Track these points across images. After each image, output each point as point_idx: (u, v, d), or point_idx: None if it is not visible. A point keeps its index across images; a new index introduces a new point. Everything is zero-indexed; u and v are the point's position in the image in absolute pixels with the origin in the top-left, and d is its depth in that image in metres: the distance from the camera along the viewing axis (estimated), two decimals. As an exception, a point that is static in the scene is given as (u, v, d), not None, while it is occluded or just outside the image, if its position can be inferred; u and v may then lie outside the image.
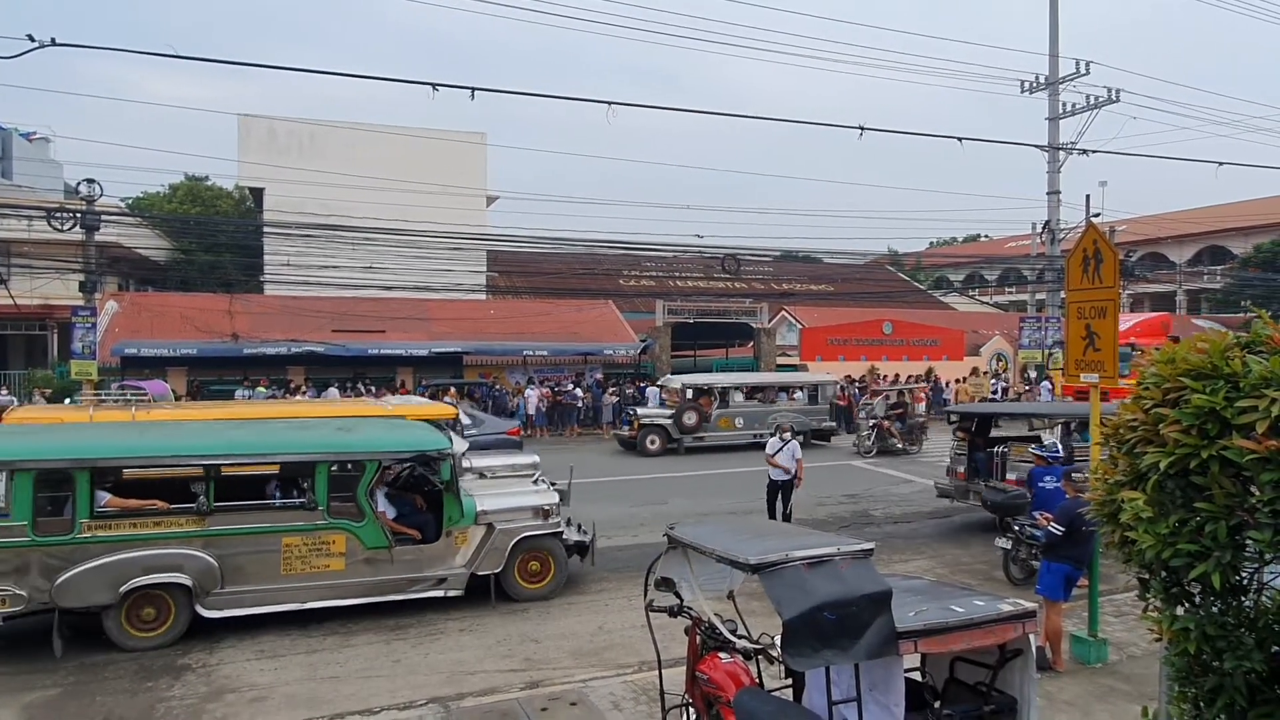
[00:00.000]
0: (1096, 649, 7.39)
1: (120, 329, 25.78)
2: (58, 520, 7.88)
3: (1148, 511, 2.93)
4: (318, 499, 8.32)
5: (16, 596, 7.45)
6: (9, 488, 7.49)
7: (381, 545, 8.53)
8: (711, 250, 32.93)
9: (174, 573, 7.86)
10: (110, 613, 7.74)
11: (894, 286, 49.03)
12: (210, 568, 7.97)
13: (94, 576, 7.62)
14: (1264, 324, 3.04)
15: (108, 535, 7.74)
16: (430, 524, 9.02)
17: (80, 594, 7.61)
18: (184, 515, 8.03)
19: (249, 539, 8.14)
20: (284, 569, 8.23)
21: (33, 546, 7.49)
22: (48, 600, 7.54)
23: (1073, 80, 27.71)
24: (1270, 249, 44.46)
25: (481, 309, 32.24)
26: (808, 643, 3.87)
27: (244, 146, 36.23)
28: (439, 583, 8.83)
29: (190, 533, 7.97)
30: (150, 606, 7.88)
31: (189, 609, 7.97)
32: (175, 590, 7.92)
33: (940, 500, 13.57)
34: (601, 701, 6.54)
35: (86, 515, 7.69)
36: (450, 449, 8.90)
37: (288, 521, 8.27)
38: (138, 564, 7.75)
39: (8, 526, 7.44)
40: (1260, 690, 2.88)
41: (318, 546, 8.32)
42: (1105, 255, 7.72)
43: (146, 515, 8.00)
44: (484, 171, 39.12)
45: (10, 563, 7.44)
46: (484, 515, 9.10)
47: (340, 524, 8.39)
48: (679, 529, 5.18)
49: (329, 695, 6.89)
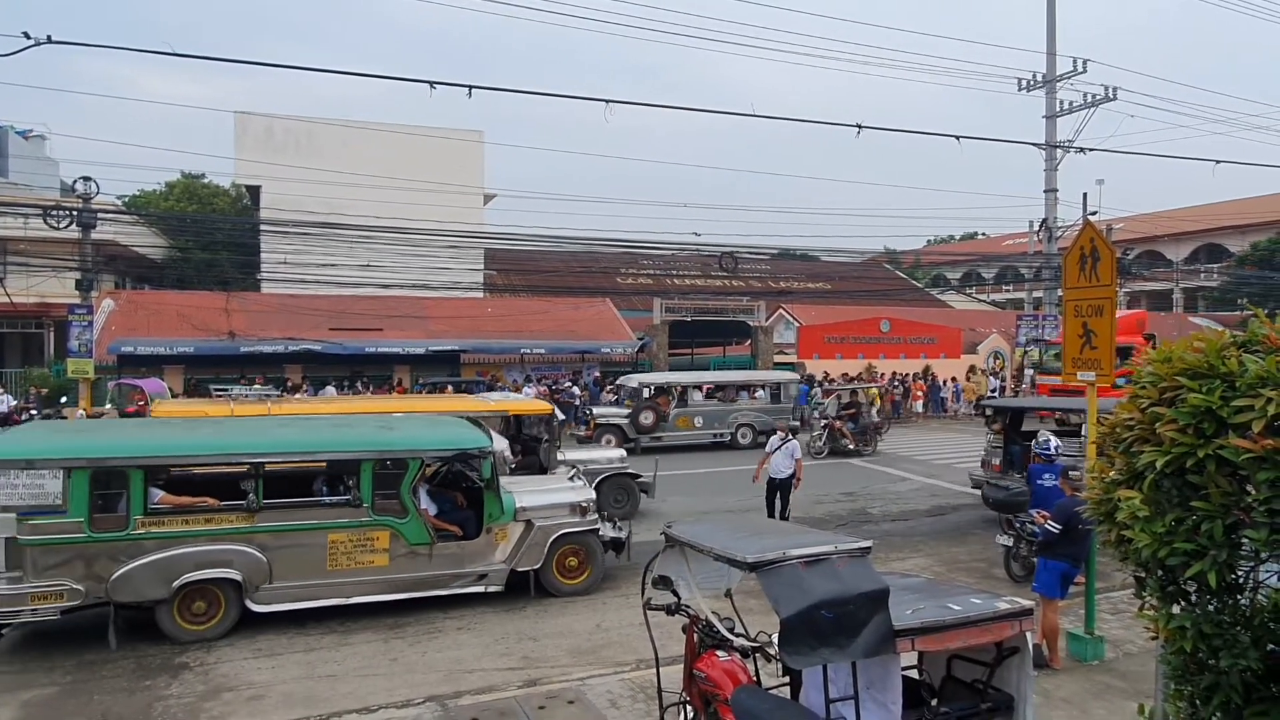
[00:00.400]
0: (1093, 646, 7.41)
1: (117, 327, 25.74)
2: (113, 517, 7.97)
3: (1144, 510, 2.93)
4: (363, 496, 8.47)
5: (74, 591, 7.62)
6: (66, 485, 7.61)
7: (424, 541, 8.66)
8: (709, 248, 32.97)
9: (225, 568, 8.04)
10: (163, 607, 7.93)
11: (891, 285, 49.06)
12: (259, 563, 8.14)
13: (148, 572, 7.81)
14: (1260, 323, 3.05)
15: (161, 532, 7.92)
16: (471, 520, 9.16)
17: (135, 589, 7.80)
18: (234, 512, 8.20)
19: (296, 535, 8.31)
20: (330, 564, 8.39)
21: (89, 542, 7.67)
22: (103, 595, 7.71)
23: (1070, 78, 27.78)
24: (1267, 247, 44.54)
25: (479, 307, 32.23)
26: (805, 641, 3.88)
27: (241, 144, 36.18)
28: (480, 578, 8.97)
29: (240, 529, 8.14)
30: (202, 600, 8.07)
31: (238, 603, 8.14)
32: (226, 585, 8.10)
33: (935, 499, 13.52)
34: (599, 700, 6.55)
35: (140, 512, 7.87)
36: (490, 447, 9.03)
37: (334, 518, 8.43)
38: (190, 559, 7.94)
39: (65, 523, 7.60)
40: (1256, 688, 2.89)
41: (362, 542, 8.47)
42: (1102, 253, 7.73)
43: (198, 512, 8.17)
44: (481, 170, 39.11)
45: (68, 558, 7.62)
46: (523, 512, 9.22)
47: (384, 520, 8.53)
48: (676, 527, 5.18)
49: (326, 694, 6.89)
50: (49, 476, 7.54)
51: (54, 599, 7.58)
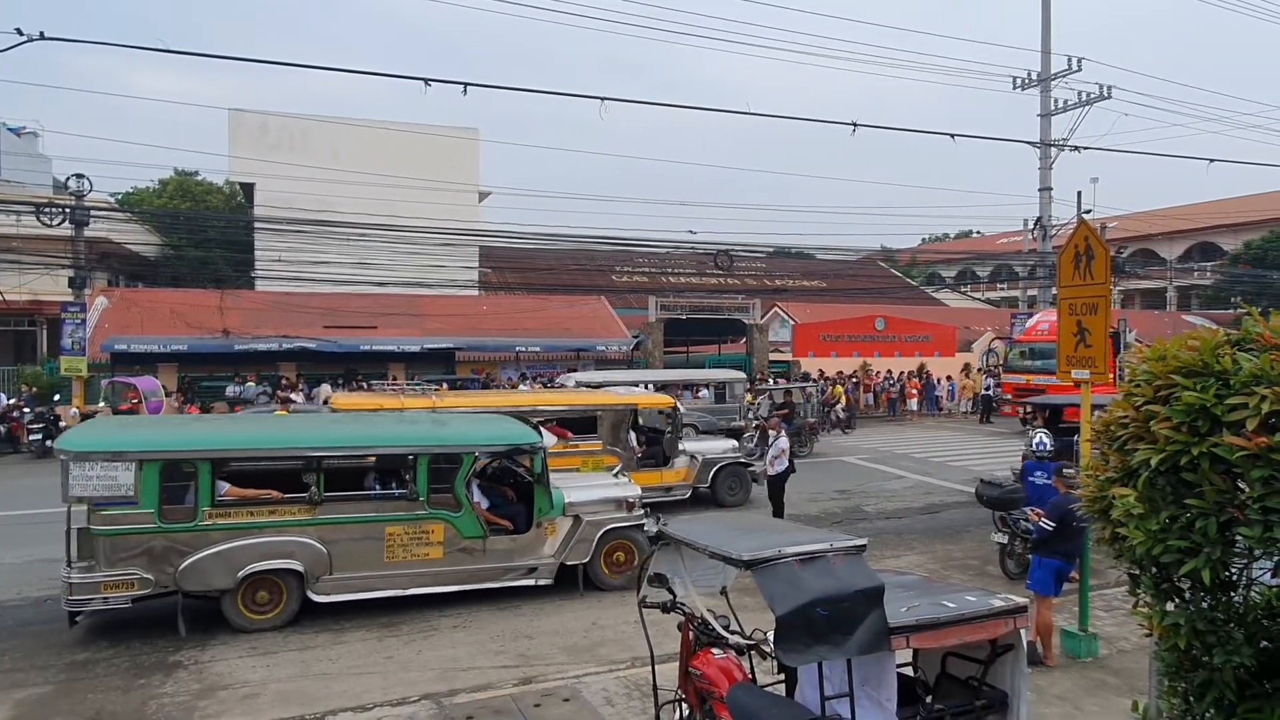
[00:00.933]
0: (1087, 643, 7.43)
1: (110, 325, 25.63)
2: (181, 508, 8.22)
3: (1139, 508, 2.94)
4: (419, 490, 8.66)
5: (144, 580, 7.84)
6: (138, 477, 7.76)
7: (477, 535, 8.87)
8: (704, 246, 32.96)
9: (288, 559, 8.24)
10: (228, 596, 8.14)
11: (886, 283, 49.14)
12: (320, 555, 8.33)
13: (215, 562, 8.02)
14: (1254, 322, 3.05)
15: (227, 523, 8.13)
16: (521, 515, 9.34)
17: (202, 578, 8.02)
18: (297, 505, 8.42)
19: (356, 527, 8.51)
20: (387, 556, 8.57)
21: (159, 533, 7.90)
22: (172, 584, 7.93)
23: (1065, 76, 27.85)
24: (1260, 245, 44.67)
25: (474, 305, 32.17)
26: (800, 638, 3.88)
27: (234, 141, 36.02)
28: (529, 572, 9.14)
29: (302, 521, 8.35)
30: (265, 590, 8.27)
31: (300, 593, 8.34)
32: (288, 576, 8.30)
33: (930, 497, 13.54)
34: (594, 697, 6.55)
35: (208, 504, 8.08)
36: (541, 443, 9.21)
37: (391, 511, 8.65)
38: (255, 550, 8.14)
39: (136, 514, 7.82)
40: (1249, 685, 2.90)
41: (418, 535, 8.66)
42: (1097, 252, 7.75)
43: (262, 504, 8.38)
44: (477, 167, 39.02)
45: (139, 548, 7.84)
46: (571, 507, 9.42)
47: (439, 514, 8.74)
48: (672, 525, 5.18)
49: (321, 692, 6.88)
50: (122, 469, 7.69)
51: (125, 588, 7.79)
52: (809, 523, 12.30)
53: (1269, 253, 43.30)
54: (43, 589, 9.62)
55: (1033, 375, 25.51)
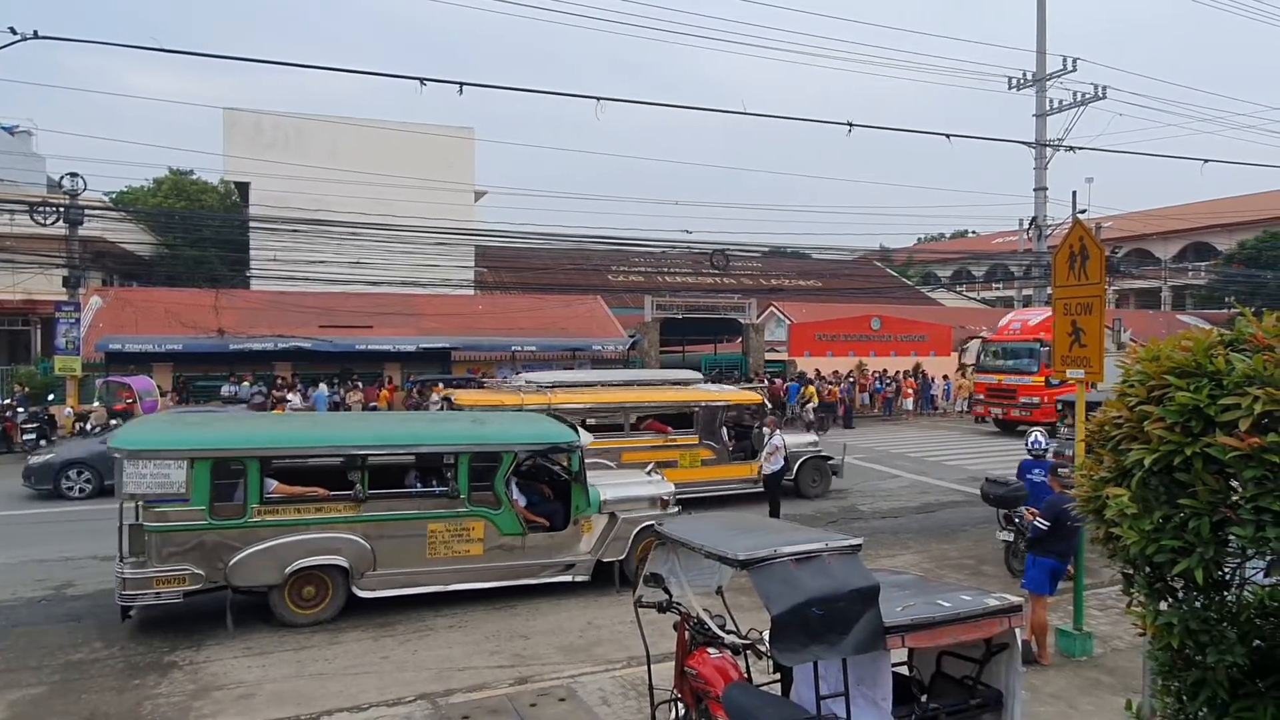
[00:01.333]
0: (1081, 642, 7.45)
1: (104, 324, 25.57)
2: (231, 505, 8.38)
3: (1132, 508, 2.95)
4: (460, 488, 8.81)
5: (195, 575, 7.97)
6: (190, 475, 7.91)
7: (516, 532, 9.02)
8: (700, 246, 32.98)
9: (334, 555, 8.39)
10: (276, 592, 8.26)
11: (882, 283, 49.21)
12: (365, 551, 8.48)
13: (264, 558, 8.15)
14: (1247, 322, 3.07)
15: (275, 520, 8.27)
16: (558, 513, 9.51)
17: (251, 574, 8.15)
18: (342, 502, 8.57)
19: (399, 524, 8.65)
20: (429, 553, 8.73)
21: (210, 529, 8.03)
22: (221, 579, 8.06)
23: (1060, 77, 27.93)
24: (1254, 245, 44.82)
25: (469, 304, 32.15)
26: (796, 638, 3.89)
27: (229, 141, 35.92)
28: (566, 568, 9.25)
29: (347, 518, 8.49)
30: (311, 586, 8.40)
31: (345, 589, 8.48)
32: (334, 571, 8.43)
33: (925, 496, 13.56)
34: (590, 697, 6.55)
35: (257, 501, 8.22)
36: (578, 441, 9.39)
37: (432, 509, 8.81)
38: (302, 547, 8.29)
39: (188, 510, 7.95)
40: (1242, 684, 2.91)
41: (459, 532, 8.83)
42: (1091, 252, 7.76)
43: (309, 501, 8.53)
44: (472, 166, 38.95)
45: (190, 544, 7.98)
46: (607, 505, 9.56)
47: (479, 511, 8.89)
48: (668, 525, 5.19)
49: (316, 692, 6.87)
50: (174, 466, 7.85)
51: (176, 583, 7.93)
52: (805, 522, 12.32)
53: (1263, 252, 43.46)
54: (36, 589, 9.60)
55: (1004, 375, 25.49)
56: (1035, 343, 24.73)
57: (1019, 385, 24.83)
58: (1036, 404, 24.15)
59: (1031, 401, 24.34)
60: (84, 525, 12.94)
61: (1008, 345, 25.92)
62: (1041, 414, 23.59)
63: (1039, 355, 24.28)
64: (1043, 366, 24.07)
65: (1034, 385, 24.31)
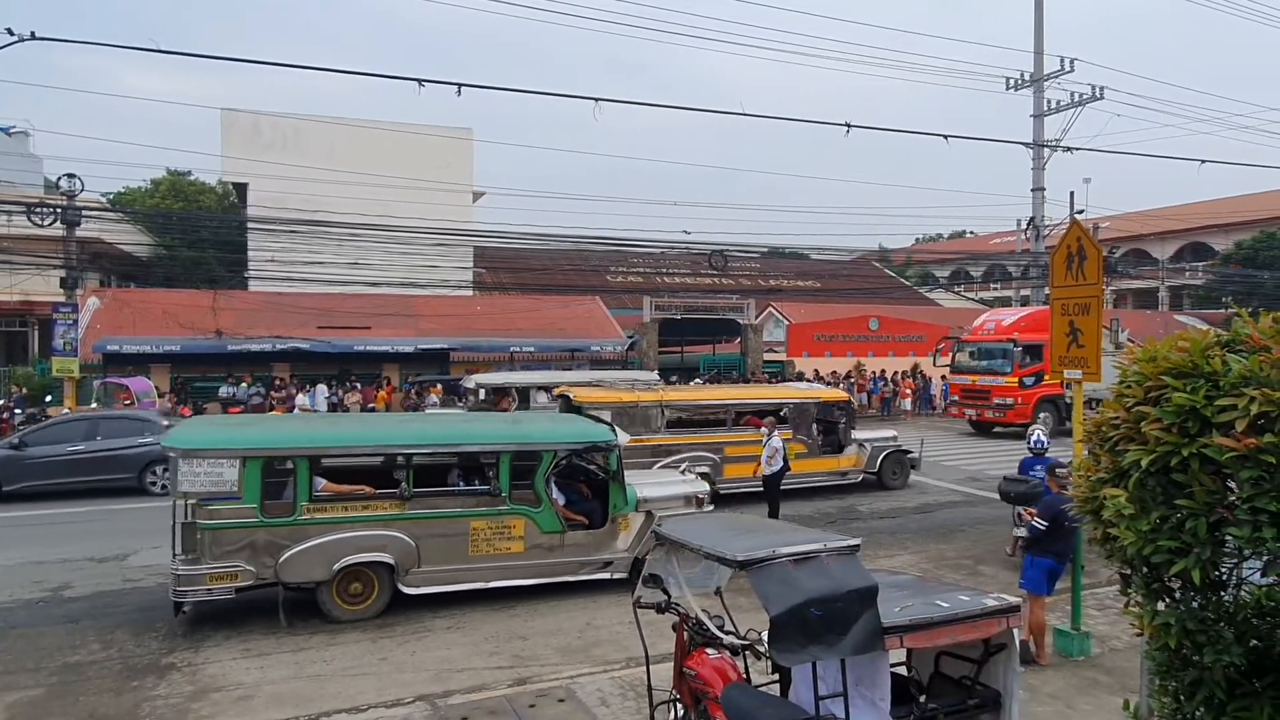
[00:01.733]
0: (1079, 642, 7.46)
1: (102, 326, 25.55)
2: (281, 504, 8.50)
3: (1129, 508, 2.96)
4: (501, 486, 8.95)
5: (247, 572, 8.12)
6: (242, 474, 8.06)
7: (556, 530, 9.15)
8: (699, 246, 32.98)
9: (380, 552, 8.53)
10: (324, 588, 8.40)
11: (880, 283, 49.24)
12: (410, 548, 8.61)
13: (313, 555, 8.29)
14: (1244, 323, 3.07)
15: (324, 517, 8.42)
16: (596, 511, 9.64)
17: (301, 570, 8.29)
18: (388, 500, 8.69)
19: (443, 522, 8.80)
20: (471, 550, 8.86)
21: (261, 527, 8.18)
22: (272, 576, 8.20)
23: (1057, 77, 27.93)
24: (1251, 245, 44.90)
25: (468, 305, 32.15)
26: (794, 638, 3.89)
27: (227, 141, 35.92)
28: (605, 566, 9.35)
29: (393, 516, 8.63)
30: (358, 583, 8.56)
31: (391, 585, 8.62)
32: (380, 568, 8.58)
33: (923, 497, 13.57)
34: (589, 698, 6.55)
35: (306, 499, 8.36)
36: (616, 440, 9.51)
37: (475, 506, 8.96)
38: (350, 544, 8.43)
39: (240, 509, 8.11)
40: (1239, 684, 2.92)
41: (501, 530, 8.96)
42: (1089, 252, 7.78)
43: (356, 500, 8.68)
44: (470, 167, 38.97)
45: (242, 541, 8.12)
46: (644, 503, 9.68)
47: (520, 509, 9.02)
48: (667, 525, 5.19)
49: (315, 694, 6.87)
50: (227, 465, 8.01)
51: (229, 579, 8.07)
52: (804, 523, 12.33)
53: (1260, 253, 43.53)
54: (34, 591, 9.59)
55: (978, 376, 25.18)
56: (1009, 343, 24.41)
57: (993, 386, 24.50)
58: (1010, 405, 23.94)
59: (1005, 403, 24.08)
60: (80, 527, 12.94)
61: (982, 345, 25.57)
62: (1015, 415, 23.62)
63: (1012, 356, 24.06)
64: (1016, 367, 23.94)
65: (1007, 386, 24.06)
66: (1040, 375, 22.87)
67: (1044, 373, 22.24)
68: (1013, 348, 24.14)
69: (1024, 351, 23.86)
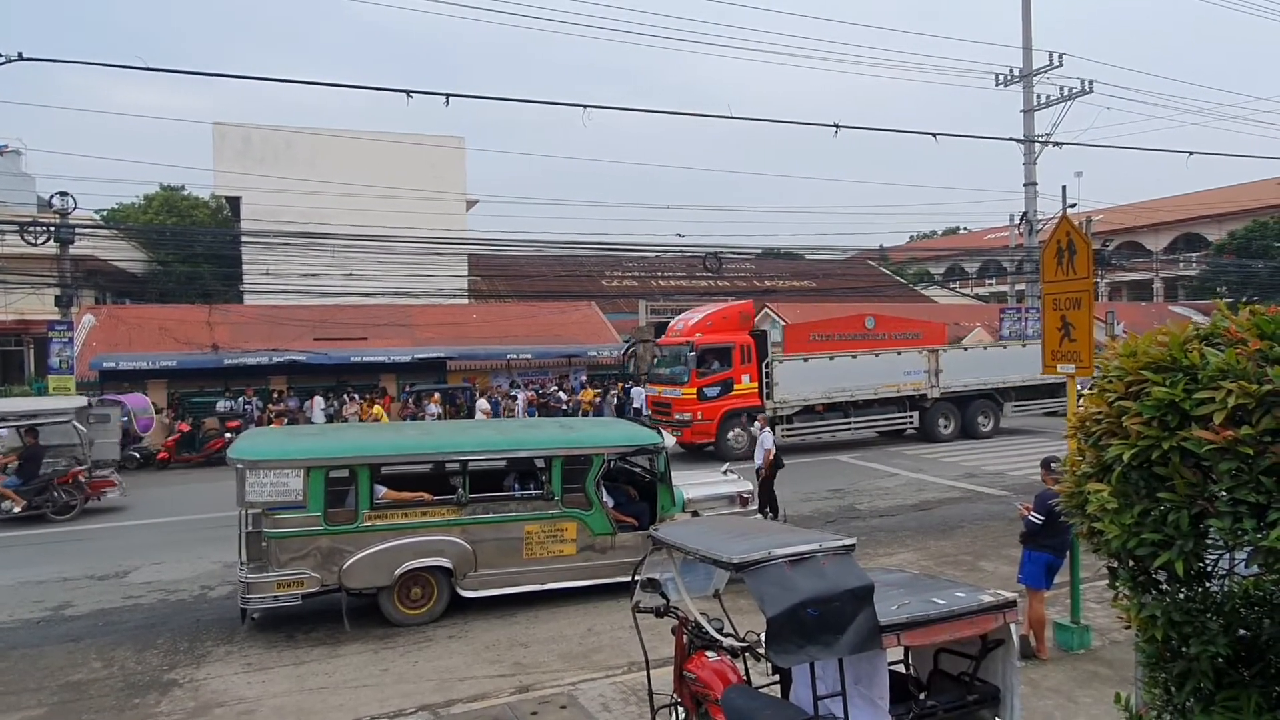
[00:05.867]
0: (1079, 635, 7.49)
1: (98, 343, 25.54)
2: (343, 511, 8.71)
3: (1113, 502, 2.99)
4: (554, 490, 9.17)
5: (312, 578, 8.32)
6: (306, 483, 8.23)
7: (607, 532, 9.35)
8: (693, 249, 33.02)
9: (439, 557, 8.74)
10: (385, 593, 8.62)
11: (875, 281, 49.28)
12: (467, 552, 8.82)
13: (375, 561, 8.50)
14: (1222, 315, 3.11)
15: (384, 524, 8.61)
16: (644, 512, 9.83)
17: (364, 577, 8.50)
18: (445, 506, 8.93)
19: (498, 526, 9.00)
20: (526, 553, 9.07)
21: (325, 534, 8.38)
22: (335, 582, 8.39)
23: (1046, 73, 28.02)
24: (1244, 235, 45.00)
25: (464, 313, 32.16)
26: (792, 639, 3.91)
27: (219, 155, 35.94)
28: None
29: (450, 521, 8.84)
30: (418, 587, 8.77)
31: (449, 589, 8.82)
32: (438, 573, 8.79)
33: (922, 494, 13.59)
34: (591, 704, 6.57)
35: (368, 506, 8.55)
36: (663, 444, 9.72)
37: (529, 510, 9.17)
38: (410, 550, 8.63)
39: (305, 517, 8.30)
40: (1226, 673, 2.95)
41: (554, 533, 9.18)
42: (1079, 246, 7.81)
43: (415, 506, 8.88)
44: (463, 175, 38.99)
45: (307, 549, 8.32)
46: (691, 503, 9.94)
47: (572, 513, 9.24)
48: (663, 529, 5.21)
49: (317, 706, 6.88)
50: (292, 475, 8.18)
51: (295, 586, 8.26)
52: (802, 522, 12.36)
53: (1252, 242, 43.64)
54: (34, 610, 9.59)
55: (664, 386, 21.12)
56: (685, 346, 20.27)
57: (673, 399, 20.42)
58: (688, 421, 19.84)
59: (683, 419, 19.89)
60: (80, 545, 12.94)
61: (668, 350, 21.32)
62: (694, 434, 19.80)
63: (689, 361, 19.97)
64: (694, 375, 19.87)
65: (685, 398, 19.97)
66: (728, 384, 20.10)
67: (732, 381, 20.07)
68: (688, 351, 20.01)
69: (705, 356, 20.07)
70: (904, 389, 22.22)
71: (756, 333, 21.48)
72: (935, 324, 35.54)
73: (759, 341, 20.96)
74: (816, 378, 21.07)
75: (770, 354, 20.83)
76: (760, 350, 20.71)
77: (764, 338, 21.27)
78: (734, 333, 20.82)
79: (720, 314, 21.62)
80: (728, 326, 20.92)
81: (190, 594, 10.12)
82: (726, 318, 21.23)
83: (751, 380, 20.41)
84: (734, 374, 20.35)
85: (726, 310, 21.80)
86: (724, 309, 22.08)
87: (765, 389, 20.43)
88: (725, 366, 20.28)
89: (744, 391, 20.27)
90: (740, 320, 21.35)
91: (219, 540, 11.92)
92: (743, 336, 20.77)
